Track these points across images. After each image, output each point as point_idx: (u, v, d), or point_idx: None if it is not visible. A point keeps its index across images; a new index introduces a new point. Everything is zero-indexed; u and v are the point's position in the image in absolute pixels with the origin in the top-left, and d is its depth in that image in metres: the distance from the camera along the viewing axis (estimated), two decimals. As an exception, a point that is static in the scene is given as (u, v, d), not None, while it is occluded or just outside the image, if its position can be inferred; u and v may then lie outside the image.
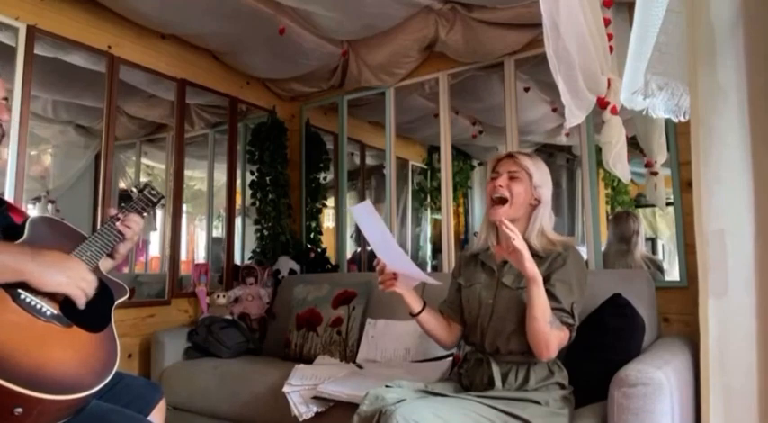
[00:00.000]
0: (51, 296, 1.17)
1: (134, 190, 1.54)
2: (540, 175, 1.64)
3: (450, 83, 3.02)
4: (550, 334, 1.44)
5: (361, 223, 1.62)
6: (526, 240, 1.54)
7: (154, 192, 1.54)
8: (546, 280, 1.51)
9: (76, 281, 1.18)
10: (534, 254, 1.56)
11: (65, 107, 3.16)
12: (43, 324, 1.13)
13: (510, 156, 1.68)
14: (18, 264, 1.12)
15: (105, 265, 1.45)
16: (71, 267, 1.20)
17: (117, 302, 1.35)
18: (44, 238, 1.30)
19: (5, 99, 1.38)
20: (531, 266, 1.43)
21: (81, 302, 1.19)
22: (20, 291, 1.13)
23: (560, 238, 1.62)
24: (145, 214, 1.50)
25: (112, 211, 1.46)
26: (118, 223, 1.42)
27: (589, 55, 1.55)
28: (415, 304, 1.66)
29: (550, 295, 1.49)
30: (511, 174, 1.63)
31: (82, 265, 1.23)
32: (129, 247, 1.48)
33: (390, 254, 1.60)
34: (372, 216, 1.56)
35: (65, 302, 1.19)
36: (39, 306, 1.14)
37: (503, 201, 1.61)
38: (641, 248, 2.86)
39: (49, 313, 1.15)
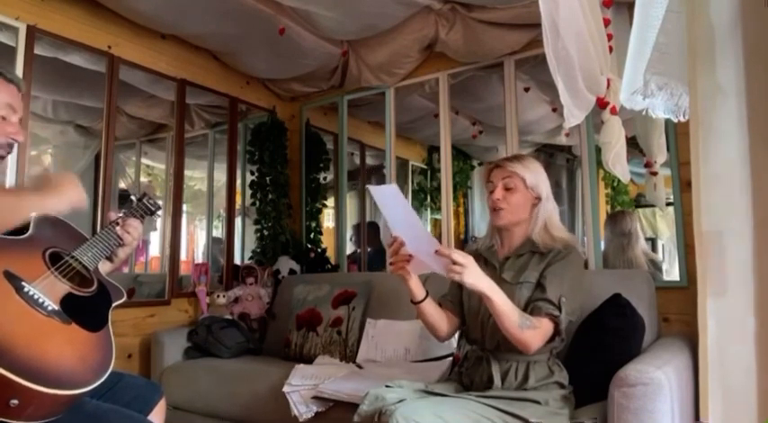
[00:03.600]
0: (53, 292, 1.18)
1: (133, 199, 1.56)
2: (533, 175, 1.66)
3: (450, 83, 3.02)
4: (523, 335, 1.44)
5: (383, 204, 1.52)
6: (529, 236, 1.64)
7: (152, 201, 1.56)
8: (541, 273, 1.56)
9: (79, 191, 1.32)
10: (535, 250, 1.62)
11: (65, 107, 3.15)
12: (43, 318, 1.13)
13: (498, 165, 1.70)
14: (25, 200, 1.26)
15: (104, 267, 1.45)
16: (66, 182, 1.33)
17: (114, 305, 1.35)
18: (47, 236, 1.31)
19: (13, 109, 1.34)
20: (479, 285, 1.42)
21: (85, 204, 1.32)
22: (24, 284, 1.15)
23: (562, 236, 1.63)
24: (144, 220, 1.52)
25: (112, 216, 1.47)
26: (117, 228, 1.43)
27: (588, 55, 1.55)
28: (419, 292, 1.65)
29: (540, 287, 1.52)
30: (505, 183, 1.65)
31: (69, 176, 1.35)
32: (128, 252, 1.50)
33: (414, 235, 1.52)
34: (398, 198, 1.47)
35: (65, 299, 1.20)
36: (41, 300, 1.15)
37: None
38: (642, 243, 2.86)
39: (50, 308, 1.16)
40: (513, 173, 1.65)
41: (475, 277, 1.41)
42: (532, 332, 1.45)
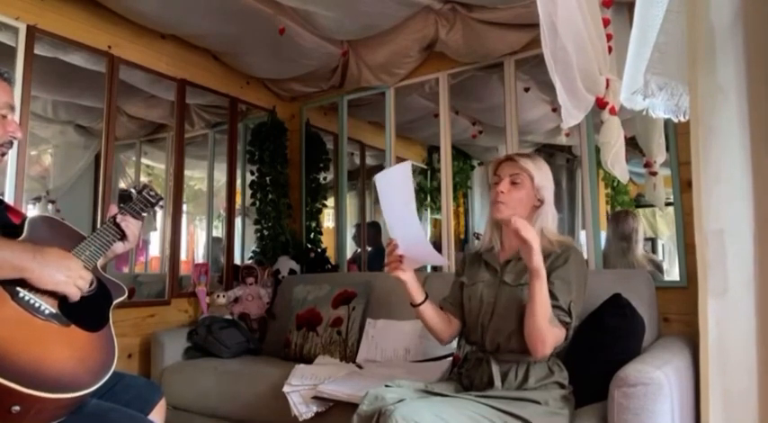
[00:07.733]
0: (50, 294, 1.17)
1: (133, 191, 1.54)
2: (542, 176, 1.64)
3: (451, 83, 3.02)
4: (548, 331, 1.44)
5: (385, 189, 1.49)
6: None
7: (152, 193, 1.54)
8: (546, 278, 1.53)
9: (74, 279, 1.19)
10: None
11: (65, 107, 3.15)
12: (41, 322, 1.13)
13: (510, 159, 1.68)
14: (20, 261, 1.13)
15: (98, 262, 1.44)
16: (70, 267, 1.20)
17: (115, 302, 1.35)
18: (43, 238, 1.30)
19: (12, 108, 1.34)
20: (537, 260, 1.42)
21: (75, 298, 1.21)
22: (18, 289, 1.14)
23: (558, 238, 1.62)
24: (144, 214, 1.50)
25: (113, 209, 1.46)
26: (118, 217, 1.42)
27: (587, 55, 1.55)
28: (418, 295, 1.65)
29: (549, 293, 1.50)
30: (512, 178, 1.64)
31: (80, 264, 1.24)
32: (125, 249, 1.48)
33: (407, 229, 1.50)
34: (405, 180, 1.44)
35: (63, 301, 1.19)
36: (37, 305, 1.14)
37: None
38: (641, 246, 2.87)
39: (47, 312, 1.15)
40: (523, 169, 1.63)
41: (537, 249, 1.41)
42: (555, 331, 1.46)
